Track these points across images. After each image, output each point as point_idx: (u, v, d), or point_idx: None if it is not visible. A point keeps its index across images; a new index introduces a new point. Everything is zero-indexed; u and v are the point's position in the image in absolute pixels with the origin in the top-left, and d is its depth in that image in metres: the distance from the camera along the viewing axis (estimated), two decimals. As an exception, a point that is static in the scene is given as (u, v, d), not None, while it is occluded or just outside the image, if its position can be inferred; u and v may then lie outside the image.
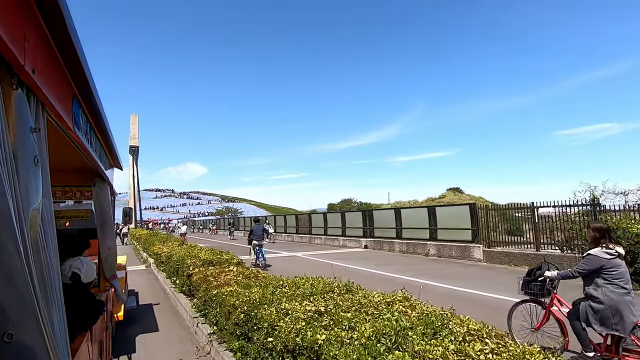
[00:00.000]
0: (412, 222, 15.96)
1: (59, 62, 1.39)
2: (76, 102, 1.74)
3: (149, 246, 14.41)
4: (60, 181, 3.79)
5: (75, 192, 4.09)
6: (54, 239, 1.18)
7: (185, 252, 8.64)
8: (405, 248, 15.60)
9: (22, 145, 1.00)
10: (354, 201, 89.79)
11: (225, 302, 4.15)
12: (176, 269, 8.04)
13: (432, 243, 14.39)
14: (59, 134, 1.68)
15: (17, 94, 1.00)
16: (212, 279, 5.62)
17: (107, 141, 2.96)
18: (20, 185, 0.97)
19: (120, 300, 4.45)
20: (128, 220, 7.00)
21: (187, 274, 6.86)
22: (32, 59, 1.05)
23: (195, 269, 6.78)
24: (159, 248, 11.61)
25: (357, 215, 19.96)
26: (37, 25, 1.12)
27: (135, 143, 55.98)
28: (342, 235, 20.34)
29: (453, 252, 13.40)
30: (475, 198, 55.23)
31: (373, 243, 17.67)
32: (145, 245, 16.37)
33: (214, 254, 7.80)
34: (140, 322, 6.42)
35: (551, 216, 10.93)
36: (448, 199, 58.61)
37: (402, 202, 65.28)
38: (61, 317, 1.19)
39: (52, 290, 1.12)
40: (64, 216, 4.78)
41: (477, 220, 12.84)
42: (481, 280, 9.18)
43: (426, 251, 14.42)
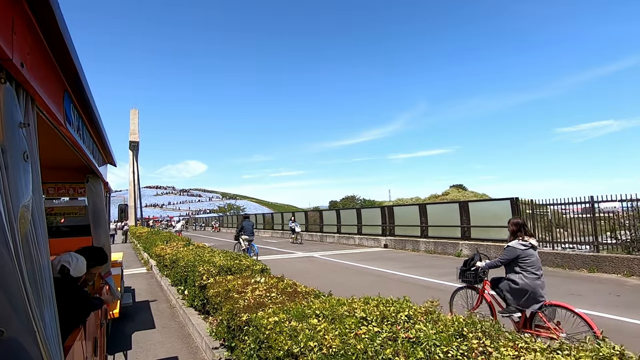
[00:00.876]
0: (439, 219, 14.52)
1: (49, 56, 1.37)
2: (67, 97, 1.71)
3: (150, 246, 12.98)
4: (53, 178, 3.71)
5: (68, 189, 4.00)
6: (44, 235, 1.17)
7: (194, 255, 7.21)
8: (432, 248, 14.16)
9: (11, 140, 0.98)
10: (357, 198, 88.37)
11: (270, 340, 2.72)
12: (184, 276, 6.61)
13: (465, 242, 12.95)
14: (50, 130, 1.66)
15: (5, 88, 0.98)
16: (236, 295, 4.19)
17: (100, 137, 2.91)
18: (9, 181, 0.95)
19: (115, 298, 4.28)
20: (124, 217, 6.47)
21: (200, 284, 5.43)
22: (20, 52, 1.03)
23: (210, 278, 5.35)
24: (162, 249, 10.18)
25: (374, 212, 18.51)
26: (25, 18, 1.10)
27: (135, 138, 54.44)
28: (358, 234, 18.91)
29: (491, 252, 11.96)
30: (479, 195, 53.88)
31: (394, 242, 16.24)
32: (146, 245, 14.94)
33: (231, 258, 6.36)
34: (137, 319, 6.29)
35: (615, 212, 9.48)
36: (452, 196, 57.30)
37: (403, 199, 63.96)
38: (52, 313, 1.18)
39: (42, 287, 1.12)
40: (57, 213, 4.63)
41: (520, 217, 11.39)
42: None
43: (458, 251, 12.99)
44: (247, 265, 5.89)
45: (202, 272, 5.58)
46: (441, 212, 14.76)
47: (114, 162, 4.15)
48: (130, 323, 6.14)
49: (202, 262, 6.15)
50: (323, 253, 15.26)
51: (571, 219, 10.97)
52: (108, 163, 4.07)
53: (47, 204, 4.41)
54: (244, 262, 6.01)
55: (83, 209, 4.66)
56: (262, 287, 4.42)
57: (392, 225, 16.79)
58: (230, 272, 5.61)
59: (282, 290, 4.24)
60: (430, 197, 58.21)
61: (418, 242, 14.88)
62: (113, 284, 3.97)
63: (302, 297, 4.01)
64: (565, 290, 7.51)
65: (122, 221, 21.21)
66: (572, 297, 6.87)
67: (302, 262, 12.84)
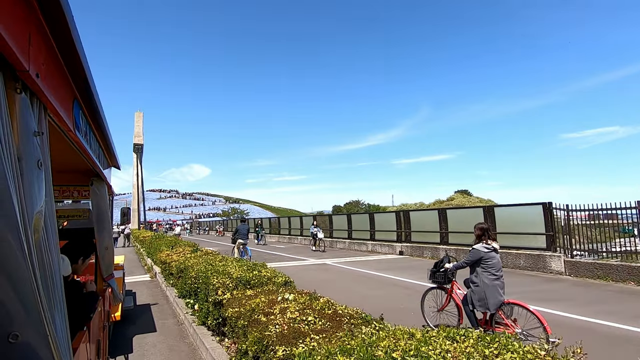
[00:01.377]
0: (460, 225, 13.64)
1: (61, 65, 1.40)
2: (77, 104, 1.76)
3: (155, 251, 12.21)
4: (58, 181, 3.72)
5: (73, 192, 4.00)
6: (55, 240, 1.20)
7: (205, 263, 6.41)
8: (454, 256, 13.25)
9: (26, 148, 1.01)
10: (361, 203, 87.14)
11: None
12: (194, 288, 5.81)
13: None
14: (60, 136, 1.70)
15: (20, 98, 1.01)
16: (263, 317, 3.39)
17: (105, 141, 2.98)
18: (25, 189, 0.98)
19: (117, 300, 4.34)
20: (126, 221, 6.27)
21: (215, 300, 4.62)
22: (35, 63, 1.07)
23: (227, 293, 4.55)
24: (167, 255, 9.39)
25: (389, 217, 17.66)
26: (41, 30, 1.13)
27: (140, 141, 53.67)
28: (371, 240, 18.04)
29: (521, 261, 11.09)
30: (484, 201, 52.85)
31: (410, 249, 15.37)
32: (150, 250, 14.17)
33: (248, 268, 5.55)
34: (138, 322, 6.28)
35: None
36: (457, 201, 56.24)
37: (408, 204, 62.98)
38: (63, 317, 1.20)
39: (54, 291, 1.14)
40: (61, 215, 4.60)
41: (553, 223, 10.54)
42: (586, 300, 6.88)
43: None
44: (267, 277, 5.09)
45: (216, 286, 4.78)
46: (463, 217, 13.90)
47: (118, 165, 4.15)
48: (132, 326, 6.08)
49: (216, 272, 5.34)
50: (336, 260, 14.41)
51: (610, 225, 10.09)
52: (112, 166, 4.07)
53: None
54: (263, 274, 5.20)
55: (87, 211, 4.66)
56: (294, 307, 3.62)
57: (409, 231, 15.92)
58: (249, 286, 4.80)
59: (320, 312, 3.44)
60: (434, 203, 57.19)
61: (437, 250, 14.00)
62: (116, 287, 3.97)
63: (347, 321, 3.20)
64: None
65: (125, 224, 20.82)
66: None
67: (316, 270, 11.99)
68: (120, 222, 6.38)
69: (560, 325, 5.32)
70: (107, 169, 3.59)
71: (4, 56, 0.91)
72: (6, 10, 0.86)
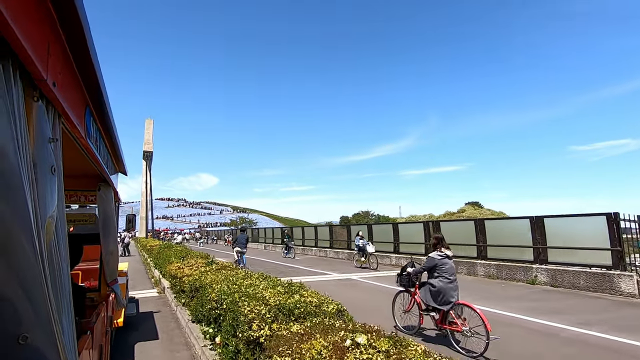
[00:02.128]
0: (501, 237, 12.24)
1: (76, 74, 1.45)
2: (89, 111, 1.80)
3: (164, 263, 11.03)
4: (66, 185, 2.89)
5: (80, 197, 4.02)
6: (65, 245, 1.24)
7: (226, 281, 5.19)
8: (494, 272, 11.84)
9: (41, 154, 1.04)
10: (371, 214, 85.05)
11: None
12: (215, 314, 4.57)
13: (540, 267, 10.63)
14: (72, 143, 1.72)
15: (37, 105, 1.04)
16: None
17: (114, 147, 3.03)
18: (39, 193, 1.01)
19: (120, 305, 4.32)
20: (131, 227, 6.14)
21: (249, 337, 3.37)
22: (53, 72, 1.10)
23: (264, 327, 3.32)
24: (178, 268, 8.20)
25: (414, 228, 16.29)
26: (59, 40, 1.18)
27: (149, 148, 53.12)
28: (395, 252, 16.65)
29: (580, 281, 9.63)
30: (495, 213, 50.86)
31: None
32: (158, 261, 12.99)
33: (284, 289, 4.31)
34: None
35: None
36: (468, 213, 54.45)
37: (417, 215, 61.26)
38: (70, 319, 1.21)
39: (62, 294, 1.15)
40: (68, 220, 4.31)
41: (620, 237, 9.12)
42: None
43: (531, 277, 10.66)
44: (315, 304, 3.84)
45: (249, 317, 3.54)
46: (503, 229, 12.50)
47: (125, 171, 4.15)
48: (135, 333, 6.04)
49: (245, 295, 4.11)
50: (361, 275, 13.06)
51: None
52: (119, 172, 4.09)
53: None
54: (308, 299, 3.95)
55: (93, 216, 4.63)
56: (377, 358, 2.38)
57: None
58: (292, 316, 3.56)
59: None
60: (445, 215, 55.52)
61: (474, 265, 12.57)
62: (119, 292, 3.92)
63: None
64: None
65: (129, 231, 20.23)
66: None
67: (343, 287, 10.66)
68: (125, 228, 6.12)
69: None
70: (114, 174, 3.59)
71: (24, 65, 0.95)
72: (28, 21, 0.90)
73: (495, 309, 7.39)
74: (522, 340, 5.45)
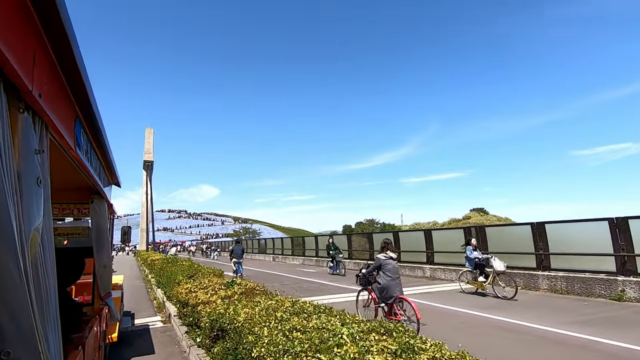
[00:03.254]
0: (569, 243, 10.36)
1: (64, 85, 1.43)
2: (78, 123, 1.77)
3: (168, 282, 9.09)
4: (59, 198, 3.70)
5: (73, 209, 3.96)
6: (52, 258, 1.20)
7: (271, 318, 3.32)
8: (562, 285, 9.88)
9: (26, 166, 1.03)
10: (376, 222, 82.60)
11: None
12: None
13: (628, 279, 8.69)
14: (61, 154, 1.69)
15: (23, 117, 1.03)
16: None
17: (106, 159, 2.99)
18: (23, 205, 0.99)
19: (114, 319, 4.22)
20: (127, 240, 5.68)
21: None
22: (39, 83, 1.09)
23: None
24: (190, 292, 6.30)
25: (451, 235, 14.40)
26: (44, 50, 1.16)
27: (150, 158, 50.98)
28: (429, 263, 14.69)
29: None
30: (501, 219, 48.81)
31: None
32: (161, 279, 11.03)
33: (397, 344, 2.46)
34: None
35: None
36: (474, 219, 52.40)
37: (420, 223, 59.17)
38: (56, 334, 1.18)
39: (48, 308, 1.12)
40: (61, 233, 4.57)
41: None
42: None
43: (617, 292, 8.71)
44: None
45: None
46: (571, 233, 10.61)
47: (119, 183, 4.13)
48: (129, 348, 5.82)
49: (324, 351, 2.25)
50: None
51: None
52: (113, 184, 4.08)
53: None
54: None
55: (86, 229, 4.59)
56: None
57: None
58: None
59: None
60: (450, 222, 53.43)
61: (536, 278, 10.63)
62: (113, 306, 3.85)
63: None
64: None
65: (125, 244, 19.66)
66: None
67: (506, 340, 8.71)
68: (121, 240, 5.84)
69: None
70: (107, 186, 3.57)
71: (9, 78, 0.94)
72: (11, 32, 0.89)
73: (620, 342, 5.45)
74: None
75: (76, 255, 2.87)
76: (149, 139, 52.35)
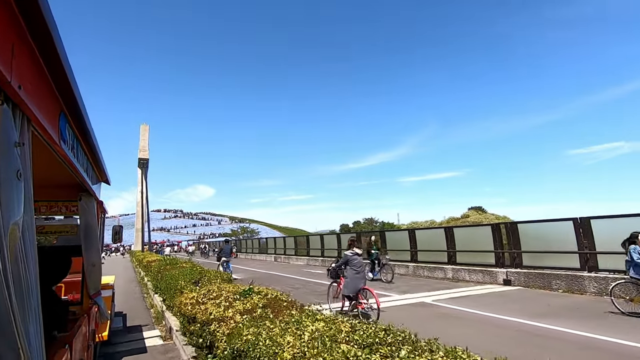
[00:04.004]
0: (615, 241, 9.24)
1: (47, 78, 1.41)
2: (63, 117, 1.75)
3: (168, 288, 7.83)
4: (46, 196, 3.67)
5: (61, 207, 3.92)
6: (34, 254, 1.18)
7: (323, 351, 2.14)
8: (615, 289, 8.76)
9: (5, 159, 1.00)
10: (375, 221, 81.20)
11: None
12: None
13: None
14: (45, 148, 1.67)
15: (2, 109, 1.01)
16: None
17: (94, 155, 2.95)
18: (1, 199, 0.96)
19: (104, 318, 4.21)
20: (118, 239, 5.40)
21: None
22: (18, 75, 1.07)
23: None
24: (197, 304, 5.06)
25: (476, 232, 13.28)
26: (25, 42, 1.14)
27: (145, 155, 48.54)
28: (450, 263, 13.54)
29: None
30: (500, 217, 47.77)
31: (523, 277, 10.85)
32: (160, 283, 9.75)
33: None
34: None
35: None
36: (473, 218, 51.19)
37: (418, 222, 58.01)
38: (38, 330, 1.17)
39: (29, 305, 1.11)
40: (49, 231, 4.57)
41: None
42: None
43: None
44: None
45: None
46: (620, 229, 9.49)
47: (108, 180, 4.07)
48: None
49: None
50: (426, 294, 9.94)
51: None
52: (102, 181, 4.03)
53: (38, 222, 4.26)
54: None
55: (75, 227, 4.58)
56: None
57: (518, 251, 11.44)
58: None
59: None
60: (448, 220, 52.26)
61: (580, 280, 9.50)
62: (102, 304, 3.87)
63: None
64: None
65: (117, 243, 19.85)
66: None
67: (426, 317, 7.53)
68: (112, 240, 5.60)
69: None
70: (96, 184, 3.54)
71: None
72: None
73: None
74: None
75: (62, 253, 2.84)
76: (144, 136, 50.19)
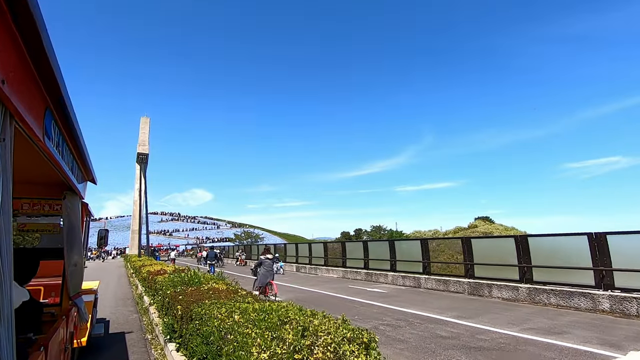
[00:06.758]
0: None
1: (33, 73, 1.40)
2: (49, 114, 1.74)
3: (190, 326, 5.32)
4: (28, 193, 3.65)
5: (44, 205, 3.87)
6: (8, 254, 1.15)
7: None
8: (632, 306, 8.90)
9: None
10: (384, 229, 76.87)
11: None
12: None
13: None
14: (29, 145, 1.66)
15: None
16: None
17: (80, 153, 2.90)
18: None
19: (83, 320, 4.11)
20: (103, 244, 5.52)
21: None
22: (2, 70, 1.06)
23: None
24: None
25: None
26: (10, 36, 1.12)
27: (145, 150, 44.46)
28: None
29: None
30: (508, 228, 47.31)
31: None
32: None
33: None
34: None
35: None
36: (481, 228, 49.91)
37: (421, 232, 57.14)
38: (9, 333, 1.15)
39: (1, 305, 1.08)
40: (30, 229, 4.51)
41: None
42: None
43: None
44: None
45: None
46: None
47: (95, 179, 3.98)
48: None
49: None
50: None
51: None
52: (88, 180, 3.93)
53: (20, 219, 4.28)
54: None
55: (57, 226, 4.49)
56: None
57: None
58: None
59: None
60: (455, 230, 51.04)
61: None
62: (82, 306, 3.75)
63: None
64: None
65: (101, 248, 20.35)
66: None
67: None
68: (97, 245, 5.58)
69: None
70: (82, 183, 3.48)
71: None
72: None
73: None
74: None
75: (30, 255, 2.84)
76: (144, 129, 45.47)
